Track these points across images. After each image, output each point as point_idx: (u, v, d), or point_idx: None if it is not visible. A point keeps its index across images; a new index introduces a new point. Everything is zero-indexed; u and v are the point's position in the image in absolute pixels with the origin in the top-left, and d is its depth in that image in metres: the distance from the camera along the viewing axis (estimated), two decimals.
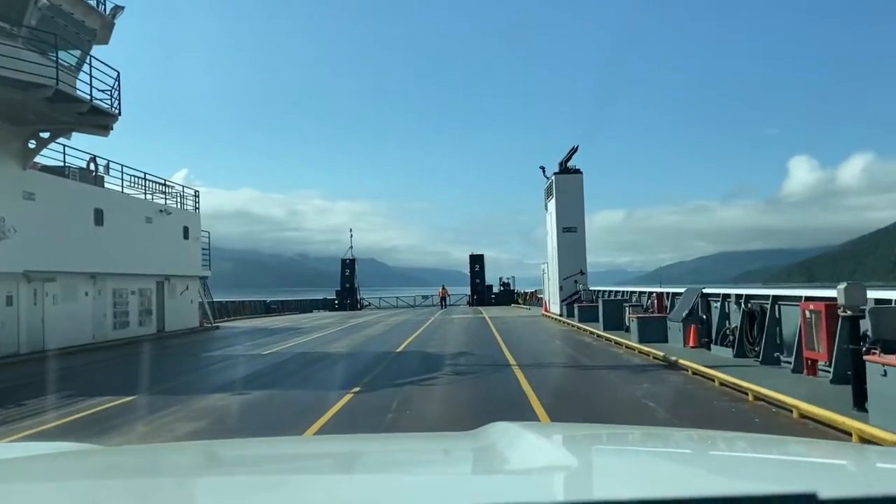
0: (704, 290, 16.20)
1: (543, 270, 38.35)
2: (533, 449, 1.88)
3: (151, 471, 1.96)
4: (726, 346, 14.12)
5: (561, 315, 31.18)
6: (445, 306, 56.02)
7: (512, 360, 14.93)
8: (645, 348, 16.08)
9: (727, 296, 14.82)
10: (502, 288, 63.18)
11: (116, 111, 20.01)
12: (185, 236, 30.64)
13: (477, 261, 62.79)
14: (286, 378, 13.65)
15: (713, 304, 15.61)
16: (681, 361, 13.40)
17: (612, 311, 21.79)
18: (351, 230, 64.50)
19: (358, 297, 63.55)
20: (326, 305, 61.87)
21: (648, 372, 13.20)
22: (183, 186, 31.73)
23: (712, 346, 14.77)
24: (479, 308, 51.60)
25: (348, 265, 63.72)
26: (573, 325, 25.97)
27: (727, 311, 14.74)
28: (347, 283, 63.00)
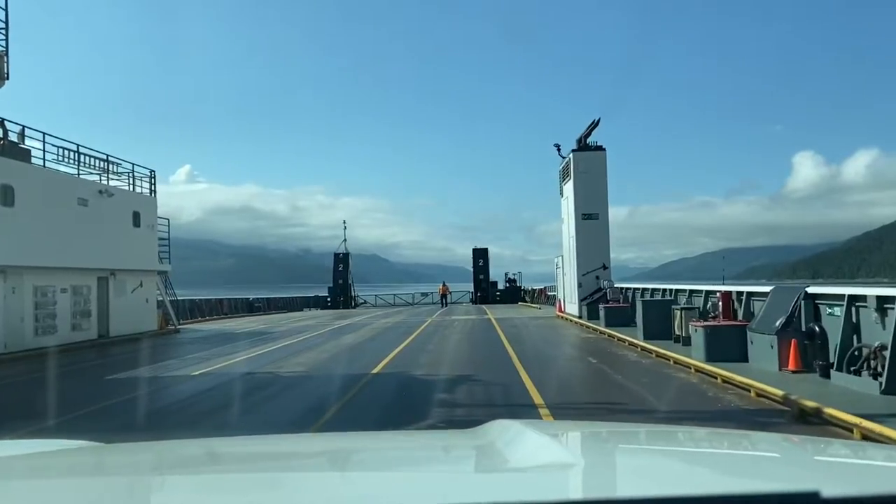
0: (809, 290, 11.36)
1: (557, 265, 33.54)
2: (534, 447, 1.83)
3: (152, 468, 1.98)
4: (859, 373, 9.32)
5: (580, 317, 26.39)
6: (446, 304, 51.19)
7: (536, 395, 10.03)
8: (725, 372, 11.21)
9: (857, 298, 9.92)
10: (508, 284, 58.26)
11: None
12: (136, 223, 25.84)
13: (480, 255, 57.89)
14: (176, 429, 8.71)
15: (826, 311, 10.80)
16: (827, 411, 8.02)
17: (656, 316, 16.94)
18: (345, 222, 59.64)
19: (352, 294, 58.81)
20: (319, 303, 57.27)
21: (774, 428, 7.61)
22: (133, 165, 26.86)
23: (832, 371, 9.94)
24: (484, 307, 46.81)
25: (342, 260, 58.88)
26: (599, 331, 21.17)
27: (856, 320, 9.90)
28: (341, 280, 58.22)
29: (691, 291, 17.67)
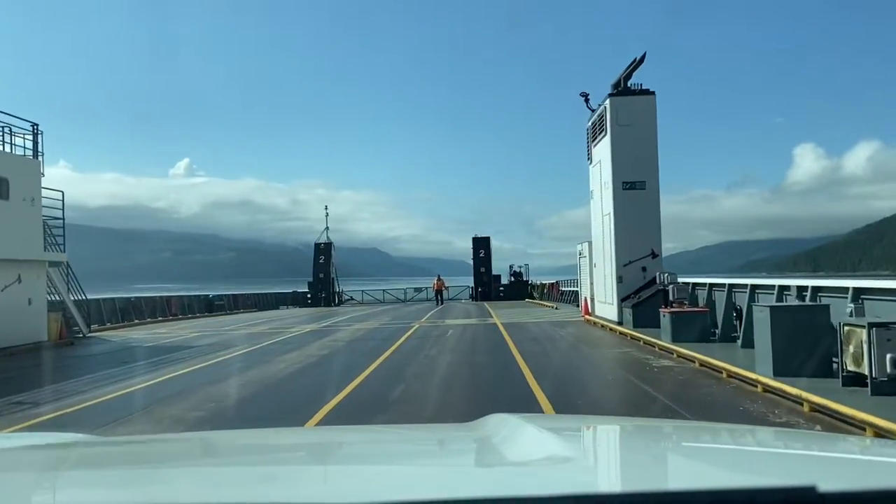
0: None
1: (580, 253, 26.21)
2: (532, 440, 1.83)
3: (148, 461, 1.97)
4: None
5: (620, 322, 19.12)
6: (442, 302, 43.87)
7: None
8: None
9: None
10: (513, 279, 50.93)
11: None
12: (4, 195, 18.54)
13: (482, 245, 50.52)
14: None
15: None
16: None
17: (794, 334, 9.64)
18: (326, 207, 52.34)
19: (336, 289, 51.56)
20: (298, 300, 50.10)
21: None
22: (6, 114, 19.46)
23: None
24: (486, 305, 39.54)
25: (322, 251, 51.53)
26: (664, 349, 13.90)
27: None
28: (322, 273, 50.87)
29: (815, 289, 10.41)
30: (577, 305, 30.33)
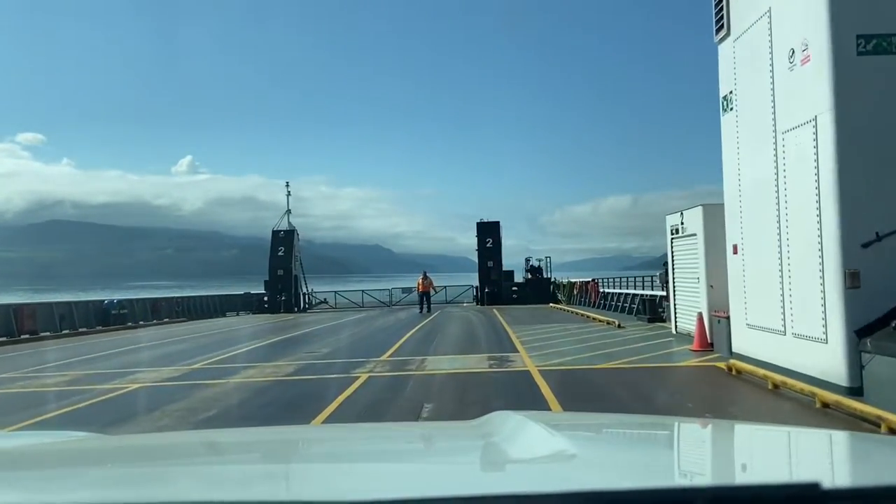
0: None
1: (678, 230, 14.36)
2: (536, 438, 1.77)
3: (151, 459, 1.96)
4: None
5: (851, 389, 7.25)
6: (429, 308, 31.89)
7: None
8: None
9: None
10: (530, 276, 38.90)
11: None
12: None
13: (489, 232, 38.38)
14: None
15: None
16: None
17: None
18: (287, 184, 40.62)
19: (302, 290, 39.81)
20: (251, 304, 38.72)
21: None
22: None
23: None
24: (495, 312, 27.77)
25: (283, 240, 39.70)
26: None
27: None
28: (281, 269, 39.06)
29: None
30: (653, 319, 18.32)
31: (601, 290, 29.75)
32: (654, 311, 19.07)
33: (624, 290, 26.64)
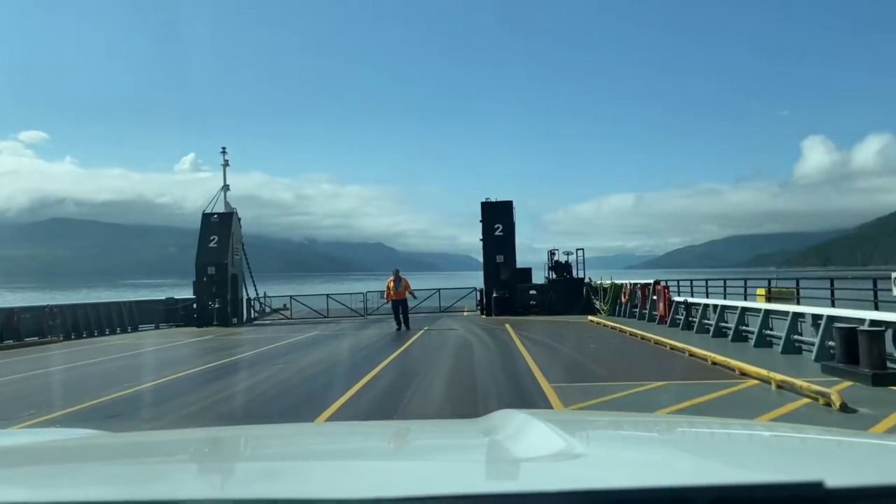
0: None
1: None
2: (539, 436, 1.77)
3: (155, 456, 1.94)
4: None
5: None
6: (407, 324, 21.27)
7: None
8: None
9: None
10: (553, 275, 28.47)
11: None
12: None
13: (498, 216, 28.24)
14: None
15: None
16: None
17: None
18: (224, 149, 30.46)
19: (245, 295, 29.69)
20: (175, 314, 28.60)
21: None
22: None
23: None
24: (509, 329, 18.61)
25: (216, 226, 29.44)
26: None
27: None
28: (212, 267, 28.77)
29: None
30: (880, 376, 7.63)
31: (672, 299, 19.23)
32: (875, 355, 8.62)
33: (728, 302, 15.99)
